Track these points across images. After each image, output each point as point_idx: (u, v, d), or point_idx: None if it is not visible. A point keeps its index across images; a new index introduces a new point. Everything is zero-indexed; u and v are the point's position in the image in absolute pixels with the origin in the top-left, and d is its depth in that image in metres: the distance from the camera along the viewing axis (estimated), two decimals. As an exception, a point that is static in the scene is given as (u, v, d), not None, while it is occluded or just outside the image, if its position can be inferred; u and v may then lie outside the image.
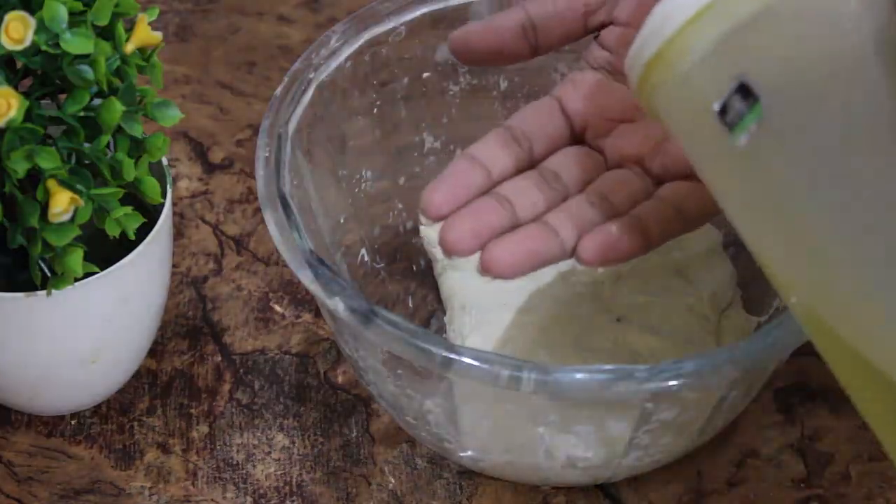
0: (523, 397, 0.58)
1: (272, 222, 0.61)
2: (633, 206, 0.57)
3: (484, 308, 0.67)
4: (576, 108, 0.60)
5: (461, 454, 0.64)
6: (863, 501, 0.66)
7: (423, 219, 0.56)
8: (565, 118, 0.60)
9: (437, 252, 0.71)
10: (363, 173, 0.71)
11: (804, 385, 0.70)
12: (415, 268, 0.73)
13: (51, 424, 0.69)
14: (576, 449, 0.61)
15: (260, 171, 0.62)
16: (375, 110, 0.71)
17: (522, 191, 0.57)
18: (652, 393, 0.56)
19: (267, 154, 0.63)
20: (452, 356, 0.56)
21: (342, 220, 0.70)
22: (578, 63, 0.61)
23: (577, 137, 0.60)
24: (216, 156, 0.81)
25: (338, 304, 0.58)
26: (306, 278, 0.59)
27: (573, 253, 0.55)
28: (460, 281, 0.70)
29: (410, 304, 0.72)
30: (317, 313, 0.73)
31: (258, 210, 0.78)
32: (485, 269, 0.54)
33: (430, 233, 0.71)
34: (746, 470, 0.67)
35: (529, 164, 0.59)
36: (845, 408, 0.70)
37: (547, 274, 0.69)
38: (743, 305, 0.69)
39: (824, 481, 0.67)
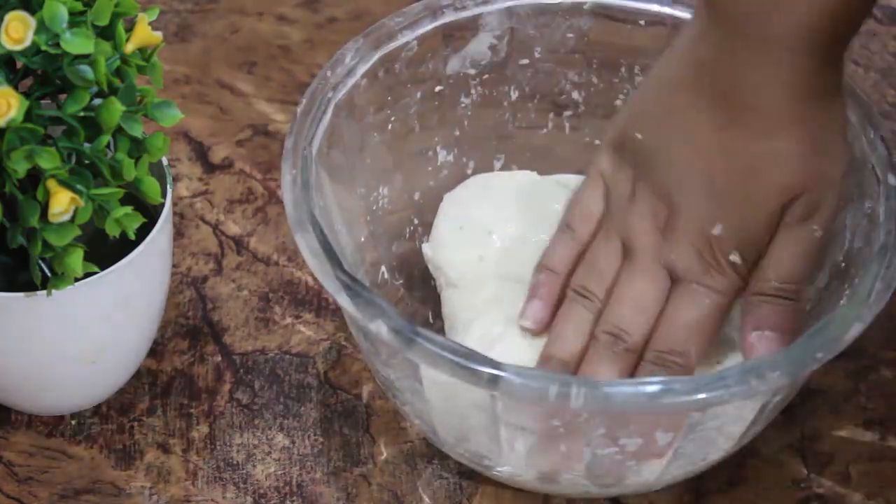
0: (569, 413, 0.58)
1: (304, 246, 0.60)
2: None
3: (487, 325, 0.66)
4: None
5: (497, 470, 0.64)
6: (863, 501, 0.66)
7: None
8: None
9: (435, 271, 0.70)
10: (380, 190, 0.70)
11: (804, 385, 0.70)
12: (433, 282, 0.72)
13: (51, 424, 0.69)
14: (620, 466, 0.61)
15: (287, 194, 0.61)
16: (390, 126, 0.70)
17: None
18: (700, 403, 0.56)
19: (293, 174, 0.62)
20: (499, 373, 0.55)
21: (363, 239, 0.69)
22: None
23: None
24: (216, 156, 0.81)
25: (380, 327, 0.57)
26: (345, 302, 0.58)
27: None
28: (460, 300, 0.69)
29: (430, 320, 0.71)
30: (317, 313, 0.73)
31: (258, 210, 0.78)
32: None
33: (430, 251, 0.70)
34: (746, 470, 0.67)
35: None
36: (845, 408, 0.70)
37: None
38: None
39: (824, 481, 0.67)
